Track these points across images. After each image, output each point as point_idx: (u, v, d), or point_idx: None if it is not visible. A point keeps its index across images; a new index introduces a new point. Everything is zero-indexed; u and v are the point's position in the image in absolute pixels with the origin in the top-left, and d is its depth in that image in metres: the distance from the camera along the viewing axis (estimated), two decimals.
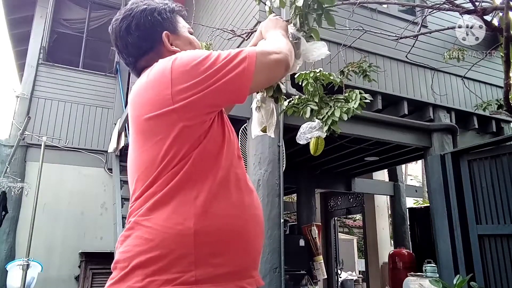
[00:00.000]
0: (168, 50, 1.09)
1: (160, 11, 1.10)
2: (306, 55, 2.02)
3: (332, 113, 2.51)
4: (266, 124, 1.68)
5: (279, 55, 1.02)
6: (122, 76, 7.19)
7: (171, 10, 1.13)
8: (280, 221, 3.67)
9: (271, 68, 1.01)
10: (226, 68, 0.92)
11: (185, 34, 1.15)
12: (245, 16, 4.54)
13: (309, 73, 2.59)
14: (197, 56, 0.94)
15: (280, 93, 2.49)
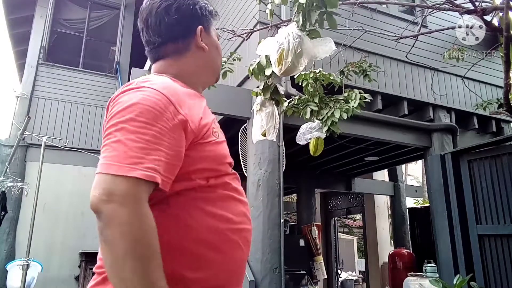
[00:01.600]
0: (197, 45, 1.09)
1: (202, 6, 1.11)
2: (312, 52, 2.00)
3: (332, 114, 2.51)
4: (266, 127, 1.68)
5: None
6: (122, 76, 7.18)
7: (210, 10, 1.14)
8: (280, 221, 3.68)
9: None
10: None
11: (215, 38, 1.16)
12: (245, 16, 4.54)
13: (309, 74, 2.59)
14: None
15: (278, 95, 2.50)
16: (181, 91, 0.95)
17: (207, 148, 0.94)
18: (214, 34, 1.16)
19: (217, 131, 1.01)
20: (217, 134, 0.99)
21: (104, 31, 7.71)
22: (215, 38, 1.15)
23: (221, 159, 0.99)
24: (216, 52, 1.14)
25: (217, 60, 1.16)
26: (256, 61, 2.47)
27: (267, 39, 2.26)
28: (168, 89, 0.90)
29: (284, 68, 2.09)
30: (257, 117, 2.64)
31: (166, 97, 0.86)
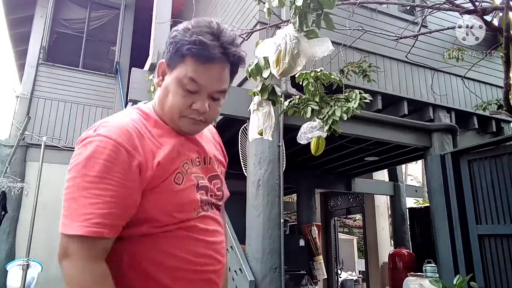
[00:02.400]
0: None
1: (180, 45, 1.00)
2: (309, 53, 2.01)
3: (333, 113, 2.51)
4: (262, 127, 1.68)
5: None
6: (122, 76, 7.19)
7: (184, 53, 0.99)
8: (280, 221, 3.67)
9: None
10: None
11: (176, 81, 1.01)
12: (245, 16, 4.54)
13: (309, 73, 2.59)
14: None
15: (275, 96, 2.50)
16: (138, 132, 0.94)
17: (164, 198, 0.94)
18: (180, 77, 0.97)
19: (183, 175, 0.98)
20: (181, 180, 0.97)
21: (104, 31, 7.71)
22: (174, 84, 0.98)
23: (182, 207, 0.97)
24: (164, 97, 1.00)
25: (164, 100, 1.00)
26: (254, 62, 2.48)
27: (265, 40, 2.27)
28: (121, 133, 0.90)
29: (282, 69, 2.10)
30: (254, 116, 2.65)
31: (118, 143, 0.88)
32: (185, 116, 1.00)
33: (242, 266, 3.49)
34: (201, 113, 1.00)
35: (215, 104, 1.03)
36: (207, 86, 0.98)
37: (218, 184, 1.11)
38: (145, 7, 6.59)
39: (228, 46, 0.97)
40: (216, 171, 1.12)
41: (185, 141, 1.04)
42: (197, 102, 0.98)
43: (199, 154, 1.07)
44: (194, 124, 1.02)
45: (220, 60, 0.97)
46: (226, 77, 1.02)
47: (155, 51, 3.95)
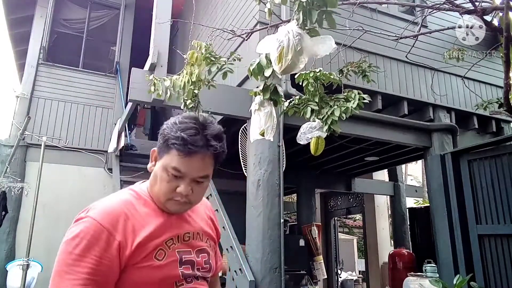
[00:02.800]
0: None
1: (167, 138, 1.12)
2: (312, 50, 1.99)
3: (332, 113, 2.51)
4: (264, 127, 1.68)
5: None
6: (122, 76, 7.19)
7: (170, 143, 1.11)
8: (280, 221, 3.67)
9: None
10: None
11: (163, 169, 1.13)
12: (245, 16, 4.54)
13: (309, 73, 2.59)
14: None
15: (278, 95, 2.50)
16: (125, 214, 1.06)
17: (143, 273, 1.03)
18: (166, 165, 1.09)
19: (165, 251, 1.08)
20: (162, 256, 1.07)
21: (104, 31, 7.71)
22: (161, 171, 1.11)
23: (160, 281, 1.06)
24: (154, 180, 1.13)
25: (154, 184, 1.13)
26: (256, 61, 2.47)
27: (267, 37, 2.26)
28: (105, 215, 1.04)
29: (284, 66, 2.09)
30: (255, 116, 2.64)
31: (101, 225, 1.01)
32: (170, 198, 1.11)
33: (242, 266, 3.49)
34: (185, 196, 1.10)
35: (199, 187, 1.13)
36: (190, 173, 1.09)
37: (205, 258, 1.19)
38: (145, 7, 6.59)
39: (210, 139, 1.09)
40: (204, 245, 1.21)
41: (174, 219, 1.15)
42: (181, 186, 1.09)
43: (188, 230, 1.17)
44: (179, 205, 1.13)
45: (201, 153, 1.08)
46: (207, 165, 1.12)
47: (155, 51, 3.95)
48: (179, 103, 3.21)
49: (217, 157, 1.13)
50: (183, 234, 1.15)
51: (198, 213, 1.26)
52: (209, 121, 1.13)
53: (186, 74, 2.90)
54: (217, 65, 2.84)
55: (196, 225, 1.21)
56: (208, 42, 2.95)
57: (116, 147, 5.77)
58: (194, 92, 2.96)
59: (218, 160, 1.15)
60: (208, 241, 1.24)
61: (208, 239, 1.24)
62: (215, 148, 1.10)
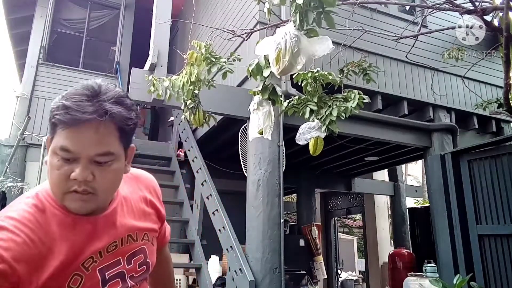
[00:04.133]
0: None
1: (51, 110, 0.88)
2: (309, 51, 2.01)
3: (330, 113, 2.51)
4: (262, 126, 1.68)
5: None
6: (122, 76, 7.19)
7: (52, 116, 0.86)
8: (280, 221, 3.67)
9: None
10: None
11: (54, 151, 0.86)
12: (245, 16, 4.54)
13: (307, 73, 2.59)
14: None
15: (276, 95, 2.51)
16: (30, 239, 0.82)
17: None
18: (54, 148, 0.85)
19: (82, 275, 0.87)
20: (78, 282, 0.86)
21: (104, 31, 7.71)
22: (51, 157, 0.86)
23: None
24: (48, 172, 0.87)
25: (50, 180, 0.88)
26: (254, 62, 2.48)
27: (265, 38, 2.26)
28: (5, 242, 0.79)
29: (281, 67, 2.10)
30: (254, 116, 2.65)
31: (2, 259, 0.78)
32: (67, 191, 0.85)
33: (242, 266, 3.49)
34: (82, 183, 0.84)
35: (103, 171, 0.86)
36: (82, 151, 0.83)
37: (140, 259, 1.00)
38: (145, 7, 6.58)
39: (104, 103, 0.84)
40: (138, 246, 1.00)
41: (92, 231, 0.90)
42: (76, 170, 0.83)
43: (115, 237, 0.95)
44: (80, 201, 0.86)
45: (92, 121, 0.82)
46: (107, 138, 0.85)
47: (155, 51, 3.95)
48: (179, 103, 3.21)
49: (122, 128, 0.87)
50: (107, 247, 0.92)
51: (127, 211, 1.01)
52: (108, 87, 0.88)
53: (186, 74, 2.91)
54: (217, 65, 2.84)
55: (126, 226, 0.98)
56: (208, 42, 2.95)
57: None
58: (194, 92, 2.96)
59: (125, 132, 0.88)
60: (147, 236, 1.04)
61: (146, 234, 1.04)
62: (113, 113, 0.84)
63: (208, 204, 4.32)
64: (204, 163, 4.67)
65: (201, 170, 4.64)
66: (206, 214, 4.42)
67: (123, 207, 1.00)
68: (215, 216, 4.11)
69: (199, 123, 3.10)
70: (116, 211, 0.97)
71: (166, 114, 7.41)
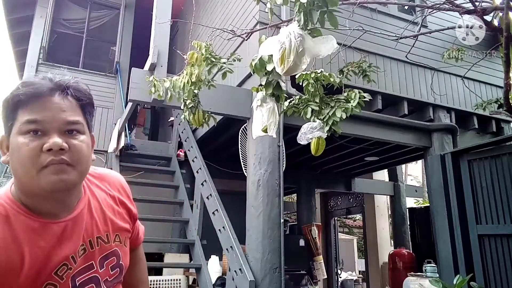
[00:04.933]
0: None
1: (7, 99, 0.87)
2: (314, 51, 2.00)
3: (333, 114, 2.51)
4: (267, 123, 1.68)
5: None
6: (122, 76, 7.18)
7: (10, 103, 0.85)
8: (280, 221, 3.67)
9: None
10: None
11: (16, 137, 0.83)
12: (245, 16, 4.54)
13: (309, 74, 2.59)
14: None
15: (280, 91, 2.50)
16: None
17: None
18: (19, 129, 0.82)
19: (57, 284, 0.83)
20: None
21: (104, 31, 7.71)
22: (16, 140, 0.82)
23: None
24: (14, 168, 0.83)
25: (16, 169, 0.83)
26: (257, 57, 2.46)
27: (268, 38, 2.26)
28: None
29: (286, 67, 2.09)
30: (257, 112, 2.64)
31: None
32: (42, 166, 0.80)
33: (242, 266, 3.49)
34: (58, 152, 0.81)
35: (75, 141, 0.85)
36: (51, 121, 0.83)
37: (113, 262, 0.97)
38: (145, 7, 6.58)
39: (58, 80, 0.87)
40: (109, 249, 0.97)
41: (61, 234, 0.86)
42: (49, 141, 0.81)
43: (84, 239, 0.91)
44: (59, 173, 0.81)
45: (55, 90, 0.85)
46: (71, 107, 0.87)
47: (155, 51, 3.95)
48: (179, 103, 3.21)
49: (83, 105, 0.90)
50: (77, 251, 0.89)
51: (94, 212, 0.97)
52: (59, 77, 0.90)
53: (186, 74, 2.90)
54: (218, 66, 2.84)
55: (93, 230, 0.94)
56: (208, 42, 2.95)
57: (116, 147, 5.76)
58: (194, 92, 2.96)
59: (86, 109, 0.91)
60: (118, 237, 1.00)
61: (118, 235, 1.01)
62: (73, 87, 0.88)
63: (208, 204, 4.32)
64: (204, 163, 4.67)
65: (201, 170, 4.64)
66: (206, 214, 4.42)
67: (91, 207, 0.95)
68: (215, 216, 4.11)
69: (199, 123, 3.10)
70: (83, 212, 0.93)
71: (166, 114, 7.42)
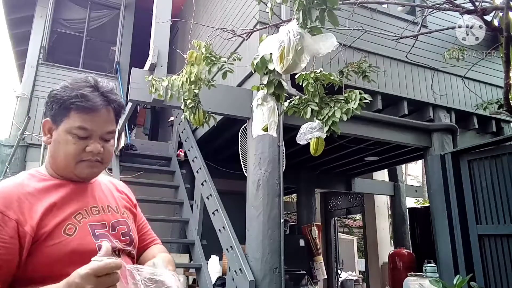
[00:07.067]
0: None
1: (54, 100, 1.12)
2: (313, 49, 2.00)
3: (333, 114, 2.51)
4: (267, 122, 1.68)
5: None
6: (122, 76, 7.18)
7: (61, 104, 1.10)
8: (280, 221, 3.67)
9: None
10: None
11: (64, 133, 1.10)
12: (245, 16, 4.54)
13: (309, 74, 2.59)
14: None
15: (282, 90, 2.49)
16: (17, 196, 0.99)
17: (55, 251, 0.97)
18: (69, 128, 1.07)
19: (75, 225, 1.02)
20: (72, 231, 1.01)
21: (104, 31, 7.71)
22: (64, 135, 1.08)
23: (76, 258, 0.96)
24: (55, 151, 1.09)
25: (57, 153, 1.09)
26: (259, 56, 2.46)
27: (268, 37, 2.25)
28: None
29: (285, 65, 2.09)
30: (258, 111, 2.63)
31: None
32: (81, 160, 1.08)
33: (242, 266, 3.49)
34: (96, 154, 1.09)
35: (107, 145, 1.13)
36: (97, 130, 1.09)
37: (123, 230, 1.15)
38: (145, 7, 6.58)
39: (108, 95, 1.11)
40: (120, 218, 1.16)
41: (77, 192, 1.10)
42: (90, 145, 1.08)
43: (94, 204, 1.12)
44: (91, 167, 1.10)
45: (102, 106, 1.09)
46: (111, 119, 1.13)
47: (155, 51, 3.94)
48: (179, 103, 3.21)
49: (118, 112, 1.15)
50: (90, 208, 1.10)
51: (104, 190, 1.20)
52: (99, 79, 1.14)
53: (185, 73, 2.90)
54: (217, 65, 2.84)
55: (103, 199, 1.16)
56: (208, 41, 2.95)
57: (116, 147, 5.77)
58: (194, 91, 2.95)
59: (119, 116, 1.17)
60: (126, 213, 1.20)
61: (126, 211, 1.21)
62: (115, 101, 1.12)
63: (208, 204, 4.32)
64: (204, 163, 4.67)
65: (201, 170, 4.64)
66: (206, 214, 4.41)
67: (101, 186, 1.20)
68: (215, 216, 4.11)
69: (199, 123, 3.10)
70: (95, 185, 1.18)
71: (166, 114, 7.42)
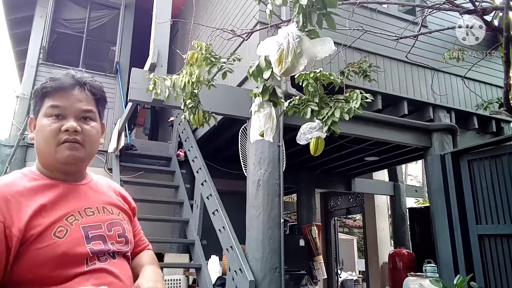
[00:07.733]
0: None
1: (36, 89, 1.12)
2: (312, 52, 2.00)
3: (332, 114, 2.51)
4: (263, 128, 1.68)
5: None
6: (122, 76, 7.19)
7: (39, 93, 1.10)
8: (280, 221, 3.67)
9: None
10: None
11: (43, 119, 1.08)
12: (245, 16, 4.54)
13: (309, 74, 2.59)
14: None
15: (276, 97, 2.51)
16: (6, 193, 0.96)
17: (44, 254, 0.93)
18: (44, 112, 1.07)
19: (67, 228, 0.98)
20: (63, 233, 0.97)
21: (104, 31, 7.70)
22: (41, 121, 1.06)
23: (65, 261, 0.95)
24: (38, 142, 1.07)
25: (39, 144, 1.07)
26: (255, 64, 2.47)
27: (267, 39, 2.26)
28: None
29: (284, 68, 2.09)
30: (255, 117, 2.65)
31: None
32: (60, 142, 1.04)
33: (242, 266, 3.49)
34: (73, 133, 1.05)
35: (87, 126, 1.08)
36: (69, 107, 1.07)
37: (119, 231, 1.11)
38: (145, 7, 6.58)
39: (81, 77, 1.11)
40: (116, 218, 1.13)
41: (69, 193, 1.06)
42: (66, 124, 1.05)
43: (89, 205, 1.08)
44: (70, 149, 1.05)
45: (75, 85, 1.09)
46: (87, 99, 1.10)
47: (155, 51, 3.95)
48: (179, 103, 3.21)
49: (97, 98, 1.12)
50: (84, 209, 1.06)
51: (99, 190, 1.17)
52: (80, 73, 1.13)
53: (186, 74, 2.90)
54: (217, 66, 2.84)
55: (98, 200, 1.13)
56: (208, 42, 2.95)
57: (116, 147, 5.76)
58: (194, 92, 2.96)
59: (97, 96, 1.13)
60: (121, 214, 1.17)
61: (121, 212, 1.17)
62: (88, 82, 1.11)
63: (208, 204, 4.32)
64: (204, 163, 4.67)
65: (201, 170, 4.64)
66: (206, 214, 4.42)
67: (96, 186, 1.17)
68: (215, 216, 4.11)
69: (199, 123, 3.10)
70: (89, 186, 1.15)
71: (166, 114, 7.42)
